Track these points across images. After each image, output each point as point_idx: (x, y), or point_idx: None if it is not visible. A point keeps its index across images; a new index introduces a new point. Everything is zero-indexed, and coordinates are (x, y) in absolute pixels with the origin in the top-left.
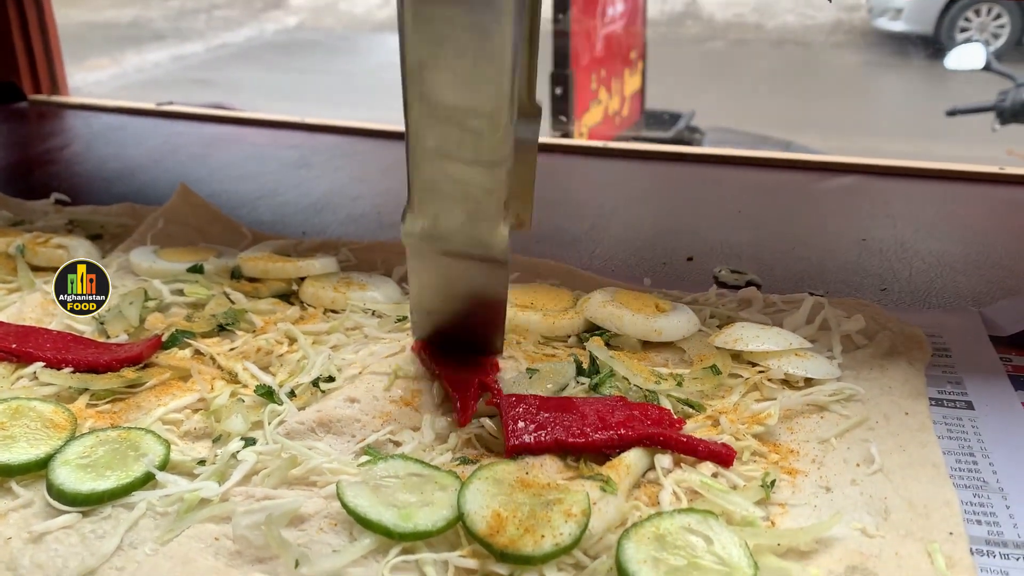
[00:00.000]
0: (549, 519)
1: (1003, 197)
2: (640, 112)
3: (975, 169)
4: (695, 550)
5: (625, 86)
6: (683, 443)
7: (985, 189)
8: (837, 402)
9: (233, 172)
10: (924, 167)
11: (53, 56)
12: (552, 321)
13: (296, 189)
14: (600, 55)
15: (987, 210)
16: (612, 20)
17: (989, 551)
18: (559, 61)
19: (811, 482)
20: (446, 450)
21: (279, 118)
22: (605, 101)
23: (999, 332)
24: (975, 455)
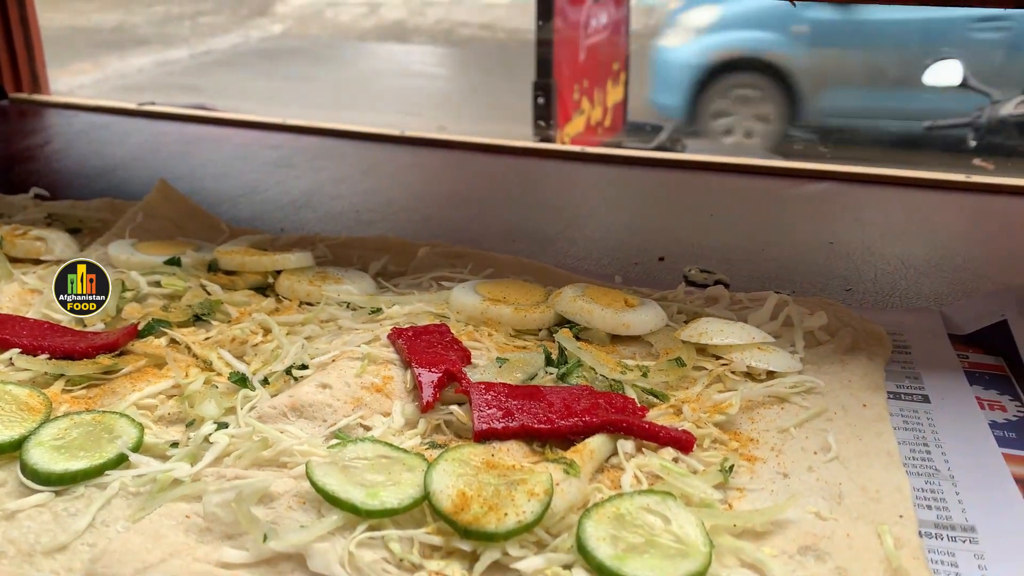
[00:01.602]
0: (513, 498)
1: (969, 205)
2: (623, 123)
3: (943, 178)
4: (653, 529)
5: (608, 97)
6: (645, 429)
7: (952, 197)
8: (797, 394)
9: (214, 170)
10: (894, 175)
11: (35, 55)
12: (523, 315)
13: (277, 187)
14: (583, 66)
15: (953, 217)
16: (596, 31)
17: (937, 534)
18: (542, 70)
19: (769, 468)
20: (415, 435)
21: (261, 119)
22: (588, 111)
23: (958, 331)
24: (928, 445)
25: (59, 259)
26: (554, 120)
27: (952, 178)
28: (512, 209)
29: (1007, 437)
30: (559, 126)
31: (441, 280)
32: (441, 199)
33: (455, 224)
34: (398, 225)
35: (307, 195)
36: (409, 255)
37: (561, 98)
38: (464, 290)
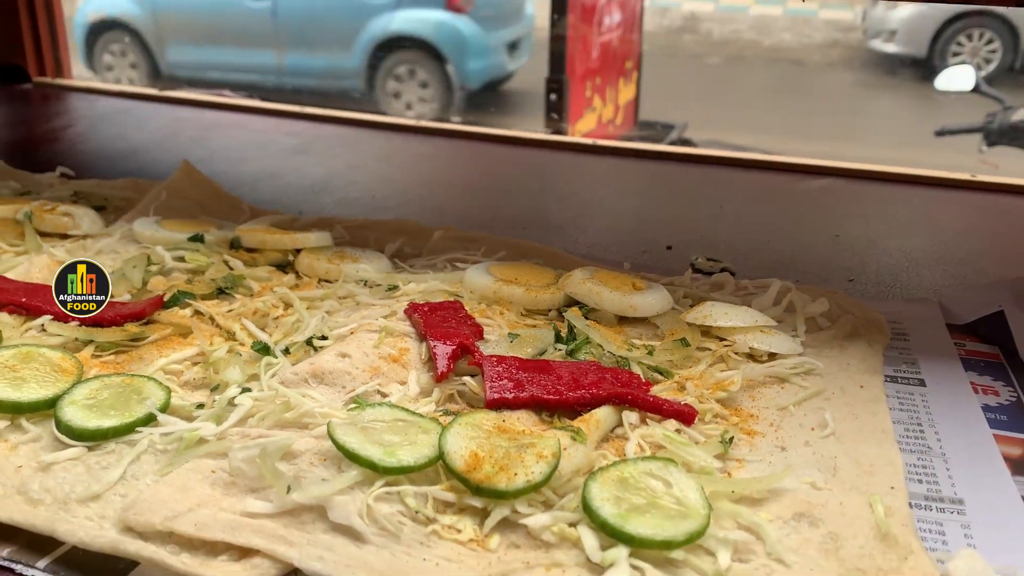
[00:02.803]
0: (522, 459)
1: (973, 202)
2: (634, 121)
3: (949, 176)
4: (655, 492)
5: (619, 95)
6: (649, 402)
7: (957, 194)
8: (797, 375)
9: (233, 155)
10: (900, 172)
11: (58, 41)
12: (534, 295)
13: (294, 172)
14: (596, 63)
15: (957, 213)
16: (609, 29)
17: (927, 505)
18: (555, 67)
19: (768, 442)
20: (430, 402)
21: (279, 107)
22: (599, 109)
23: (956, 320)
24: (922, 425)
25: (86, 234)
26: (566, 116)
27: (957, 176)
28: (524, 198)
29: (999, 419)
30: (570, 122)
31: (455, 261)
32: (454, 187)
33: (467, 211)
34: (412, 211)
35: (324, 180)
36: (424, 238)
37: (573, 95)
38: (477, 271)
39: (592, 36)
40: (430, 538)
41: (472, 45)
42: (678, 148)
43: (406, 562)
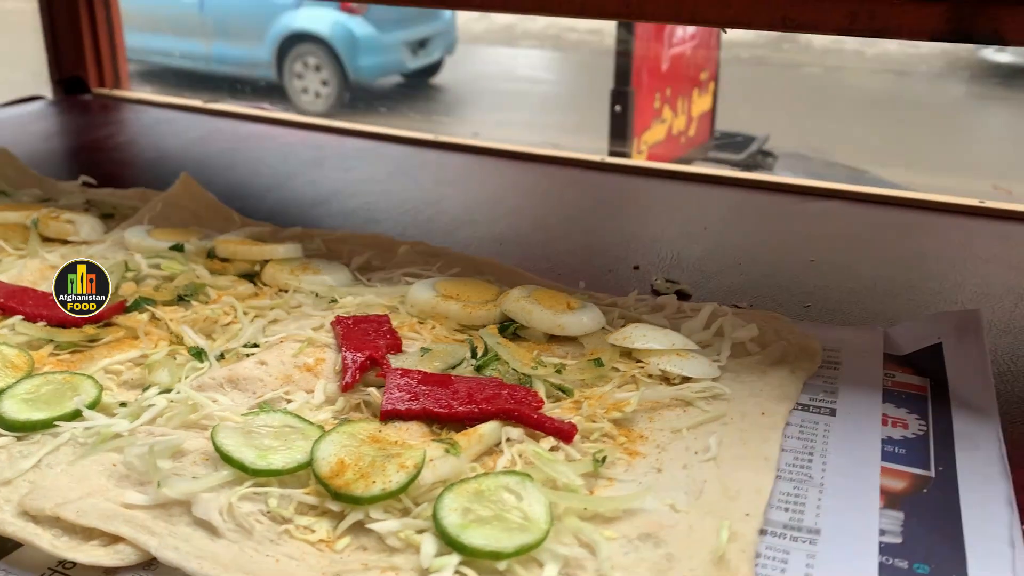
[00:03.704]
0: (384, 468)
1: (976, 229)
2: (710, 133)
3: (954, 201)
4: (505, 505)
5: (693, 106)
6: (533, 419)
7: (961, 221)
8: (703, 399)
9: (252, 165)
10: (906, 197)
11: (117, 53)
12: (470, 311)
13: (306, 184)
14: (666, 75)
15: (952, 242)
16: (681, 41)
17: (782, 533)
18: (620, 79)
19: (647, 463)
20: (333, 411)
21: (308, 120)
22: (669, 120)
23: (897, 351)
24: (813, 454)
25: (84, 240)
26: (630, 128)
27: (963, 202)
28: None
29: (896, 453)
30: (636, 134)
31: (411, 276)
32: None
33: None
34: (399, 225)
35: (331, 193)
36: (394, 252)
37: (640, 106)
38: (423, 286)
39: (662, 47)
40: (281, 537)
41: (364, 44)
42: (676, 166)
43: (251, 557)
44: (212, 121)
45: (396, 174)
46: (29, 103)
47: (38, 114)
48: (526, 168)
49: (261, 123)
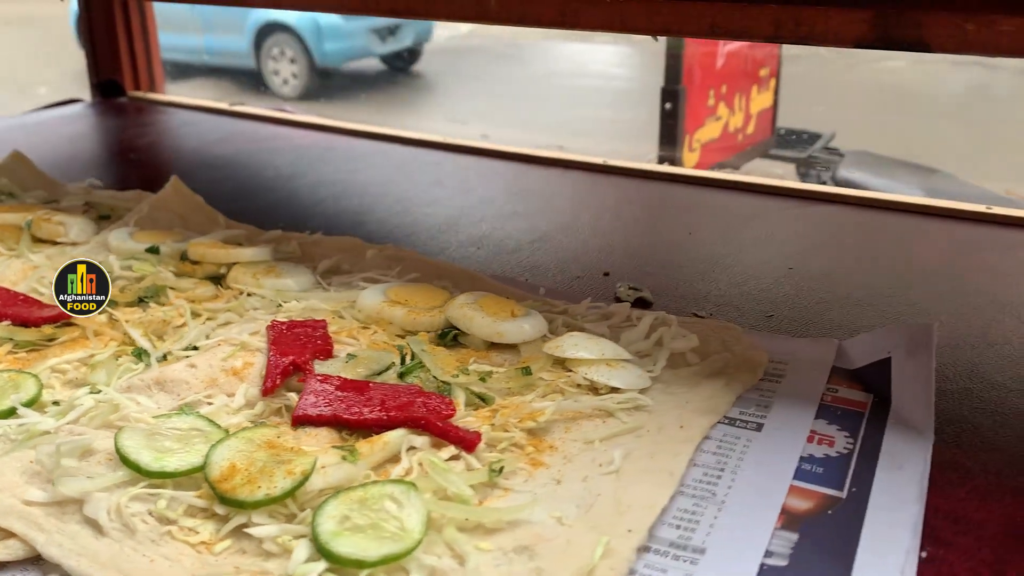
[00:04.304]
0: (272, 474)
1: (978, 238)
2: (771, 130)
3: (961, 207)
4: (385, 514)
5: (752, 103)
6: (438, 428)
7: (965, 228)
8: (624, 410)
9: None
10: (909, 202)
11: (152, 57)
12: (413, 317)
13: (304, 185)
14: (721, 72)
15: (946, 250)
16: None
17: (665, 551)
18: (670, 77)
19: (548, 474)
20: (252, 415)
21: (327, 122)
22: (726, 117)
23: (849, 364)
24: (724, 471)
25: (73, 241)
26: (681, 126)
27: (970, 208)
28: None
29: (812, 471)
30: (688, 132)
31: (369, 280)
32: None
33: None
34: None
35: (330, 195)
36: (364, 255)
37: (692, 104)
38: (374, 291)
39: (717, 46)
40: (163, 537)
41: (328, 31)
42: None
43: (128, 556)
44: (232, 122)
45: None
46: (68, 106)
47: (74, 116)
48: (526, 171)
49: (278, 124)
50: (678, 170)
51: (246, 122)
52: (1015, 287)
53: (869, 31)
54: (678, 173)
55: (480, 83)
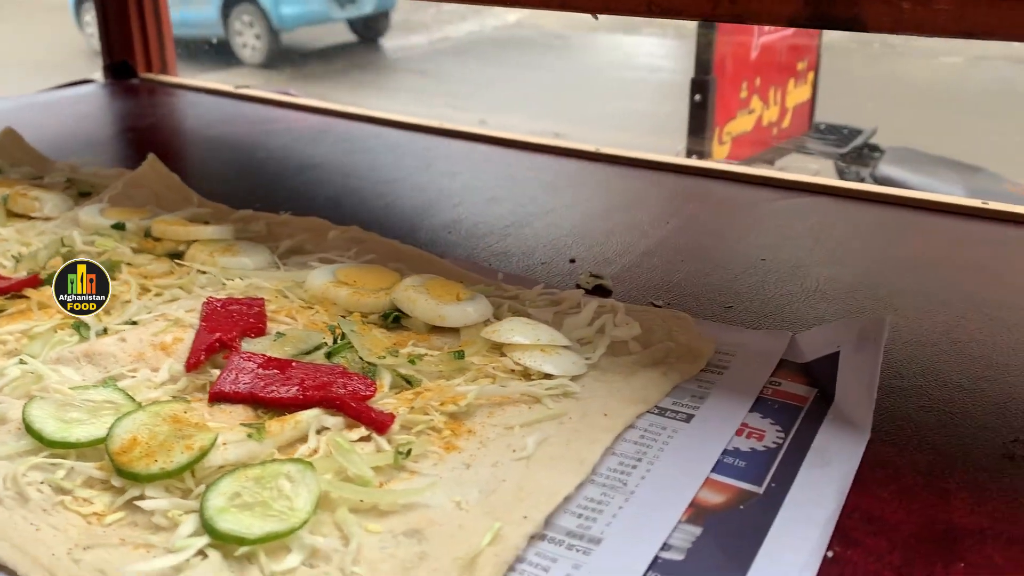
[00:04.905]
0: (171, 448)
1: (969, 232)
2: (808, 125)
3: (955, 202)
4: (278, 492)
5: (788, 97)
6: (352, 408)
7: (957, 223)
8: (552, 396)
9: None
10: (897, 195)
11: (164, 39)
12: (358, 298)
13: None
14: (755, 64)
15: (931, 244)
16: (774, 29)
17: (560, 540)
18: (700, 68)
19: (459, 459)
20: (175, 390)
21: (328, 106)
22: (759, 110)
23: (799, 358)
24: (641, 461)
25: (47, 216)
26: (711, 118)
27: (964, 203)
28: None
29: (733, 465)
30: (718, 124)
31: (324, 261)
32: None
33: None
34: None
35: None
36: (326, 236)
37: (723, 96)
38: (323, 271)
39: (752, 35)
40: (56, 507)
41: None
42: (652, 156)
43: (16, 524)
44: (234, 104)
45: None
46: (80, 86)
47: (83, 97)
48: (519, 157)
49: (282, 107)
50: (669, 159)
51: (250, 104)
52: (992, 284)
53: (803, 9)
54: (668, 162)
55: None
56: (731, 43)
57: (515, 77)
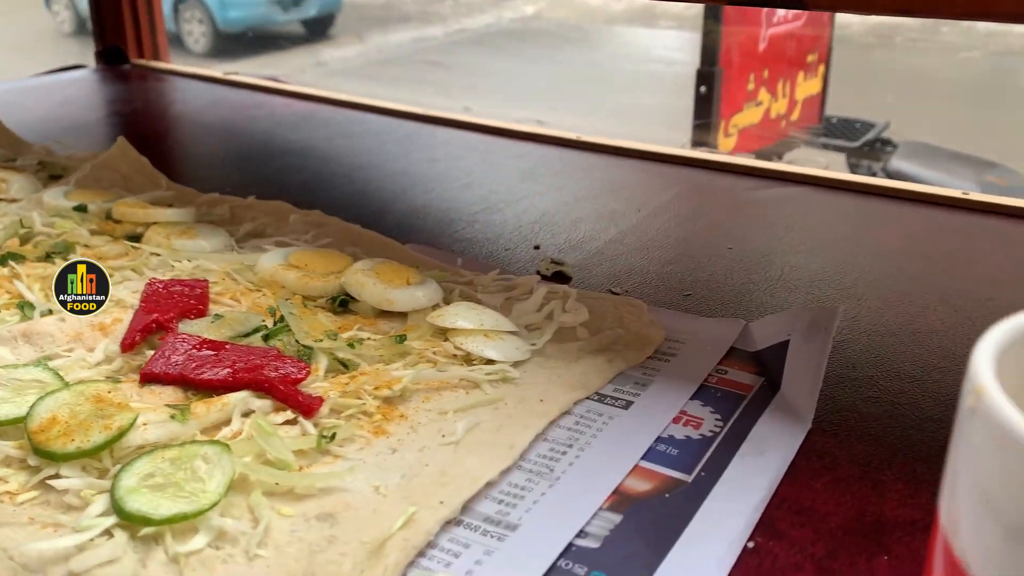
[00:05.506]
0: (89, 428)
1: (940, 224)
2: (818, 118)
3: (936, 192)
4: (192, 474)
5: (797, 90)
6: (280, 391)
7: (932, 213)
8: (491, 382)
9: (236, 134)
10: (877, 184)
11: (156, 25)
12: (307, 282)
13: (272, 153)
14: (763, 56)
15: (908, 235)
16: (783, 21)
17: (477, 526)
18: (706, 59)
19: (387, 443)
20: (109, 371)
21: (314, 92)
22: (767, 103)
23: (751, 347)
24: (572, 447)
25: (12, 198)
26: (716, 110)
27: (946, 193)
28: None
29: (666, 453)
30: (724, 116)
31: (280, 244)
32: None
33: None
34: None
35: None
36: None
37: (729, 88)
38: (275, 254)
39: (760, 26)
40: None
41: (229, 1)
42: (623, 143)
43: None
44: (221, 90)
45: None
46: (70, 71)
47: (73, 82)
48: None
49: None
50: (650, 147)
51: (238, 90)
52: (962, 275)
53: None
54: (649, 151)
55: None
56: (738, 34)
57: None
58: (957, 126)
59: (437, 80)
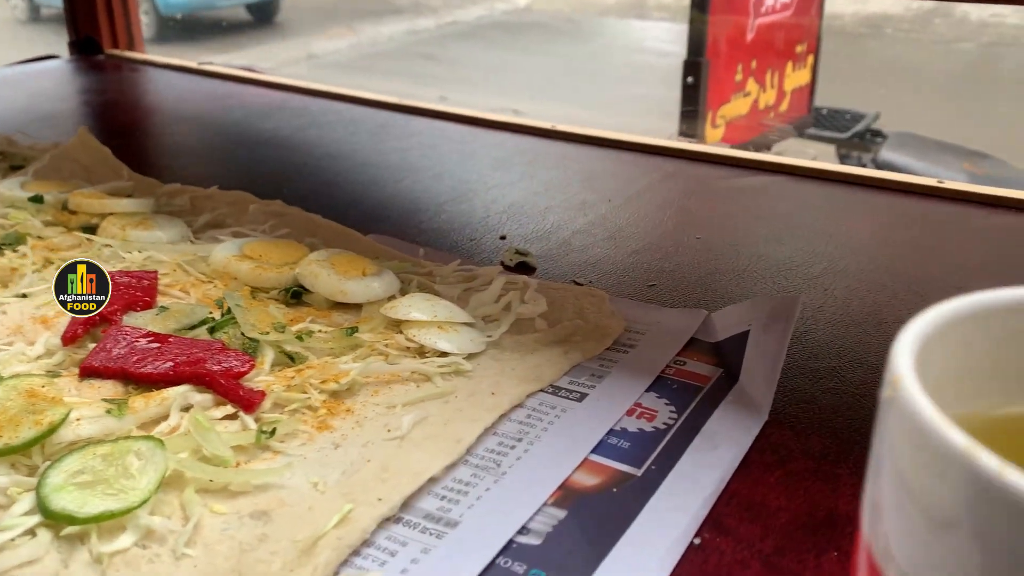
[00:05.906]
0: (19, 423)
1: (915, 212)
2: (807, 109)
3: (909, 180)
4: (123, 471)
5: (786, 80)
6: (221, 385)
7: (907, 202)
8: (443, 375)
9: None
10: (852, 173)
11: (131, 15)
12: (260, 273)
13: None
14: (751, 46)
15: (882, 224)
16: (771, 11)
17: (416, 523)
18: (693, 49)
19: (329, 439)
20: (50, 364)
21: (288, 82)
22: (755, 94)
23: (712, 337)
24: (522, 441)
25: None
26: (703, 101)
27: (919, 182)
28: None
29: (617, 446)
30: (712, 107)
31: (237, 235)
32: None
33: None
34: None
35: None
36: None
37: (716, 78)
38: (230, 245)
39: (747, 17)
40: None
41: None
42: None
43: None
44: (195, 80)
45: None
46: (43, 62)
47: (46, 72)
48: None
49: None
50: (625, 136)
51: (212, 80)
52: (932, 265)
53: None
54: (625, 140)
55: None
56: (725, 24)
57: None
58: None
59: (429, 73)
